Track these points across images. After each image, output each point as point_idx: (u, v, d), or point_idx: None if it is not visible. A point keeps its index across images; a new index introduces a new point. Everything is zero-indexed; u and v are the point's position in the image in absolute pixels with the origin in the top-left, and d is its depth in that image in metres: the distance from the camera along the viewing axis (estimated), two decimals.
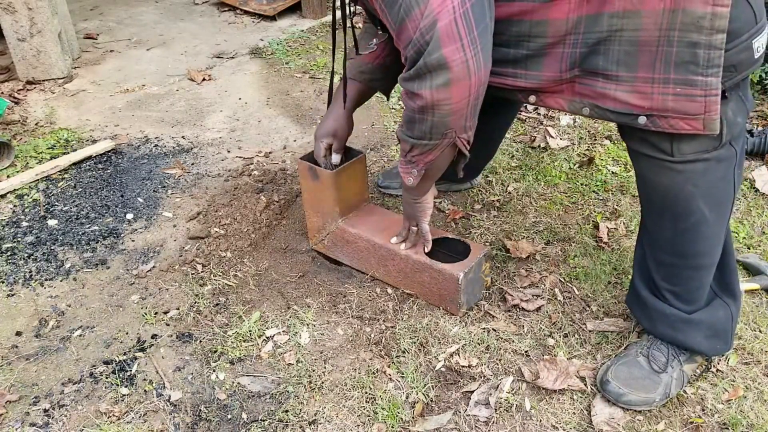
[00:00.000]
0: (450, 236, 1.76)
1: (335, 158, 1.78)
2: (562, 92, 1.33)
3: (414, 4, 1.20)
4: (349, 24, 1.55)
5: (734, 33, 1.15)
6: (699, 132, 1.20)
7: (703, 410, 1.44)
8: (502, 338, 1.63)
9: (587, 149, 2.45)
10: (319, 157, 1.77)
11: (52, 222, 2.12)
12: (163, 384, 1.54)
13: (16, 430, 1.44)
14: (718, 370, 1.52)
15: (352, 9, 1.55)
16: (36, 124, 2.76)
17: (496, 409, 1.45)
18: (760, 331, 1.62)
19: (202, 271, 1.90)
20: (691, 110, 1.18)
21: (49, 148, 2.55)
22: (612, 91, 1.25)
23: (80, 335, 1.69)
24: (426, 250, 1.69)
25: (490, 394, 1.48)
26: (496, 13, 1.27)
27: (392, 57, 1.68)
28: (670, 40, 1.15)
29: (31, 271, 1.91)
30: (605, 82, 1.25)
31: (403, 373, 1.54)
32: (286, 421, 1.44)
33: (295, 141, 2.63)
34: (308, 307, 1.76)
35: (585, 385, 1.49)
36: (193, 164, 2.47)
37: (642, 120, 1.23)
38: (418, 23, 1.21)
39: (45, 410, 1.48)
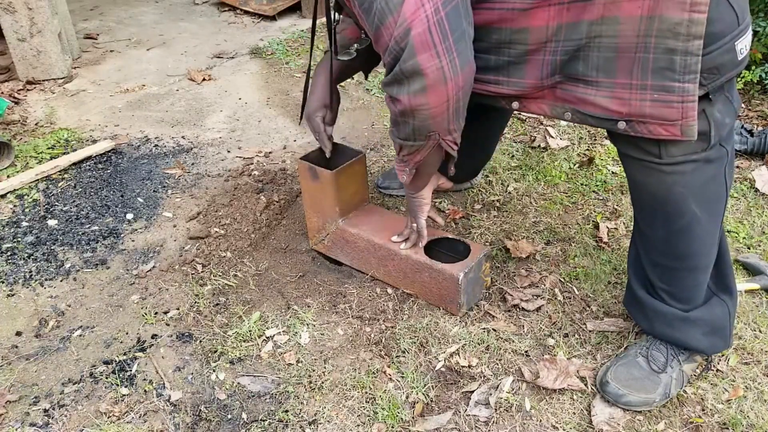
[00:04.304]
0: (450, 236, 1.76)
1: (329, 130, 1.75)
2: (544, 98, 1.34)
3: (387, 12, 1.21)
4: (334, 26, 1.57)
5: (716, 35, 1.15)
6: (677, 138, 1.20)
7: (703, 410, 1.44)
8: (502, 338, 1.63)
9: (587, 149, 2.45)
10: (319, 132, 1.73)
11: (52, 222, 2.12)
12: (163, 384, 1.54)
13: (16, 430, 1.44)
14: (718, 370, 1.52)
15: (337, 17, 1.58)
16: (36, 124, 2.76)
17: (496, 409, 1.45)
18: (760, 331, 1.62)
19: (202, 271, 1.90)
20: (669, 116, 1.18)
21: (49, 148, 2.55)
22: (592, 96, 1.25)
23: (80, 335, 1.69)
24: (420, 245, 1.69)
25: (490, 394, 1.48)
26: (476, 20, 1.28)
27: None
28: (647, 47, 1.16)
29: (31, 271, 1.91)
30: (585, 88, 1.26)
31: (403, 373, 1.54)
32: (286, 421, 1.44)
33: (295, 141, 2.63)
34: (308, 307, 1.76)
35: (585, 385, 1.49)
36: (193, 164, 2.47)
37: (621, 125, 1.24)
38: (392, 31, 1.22)
39: (45, 410, 1.48)
